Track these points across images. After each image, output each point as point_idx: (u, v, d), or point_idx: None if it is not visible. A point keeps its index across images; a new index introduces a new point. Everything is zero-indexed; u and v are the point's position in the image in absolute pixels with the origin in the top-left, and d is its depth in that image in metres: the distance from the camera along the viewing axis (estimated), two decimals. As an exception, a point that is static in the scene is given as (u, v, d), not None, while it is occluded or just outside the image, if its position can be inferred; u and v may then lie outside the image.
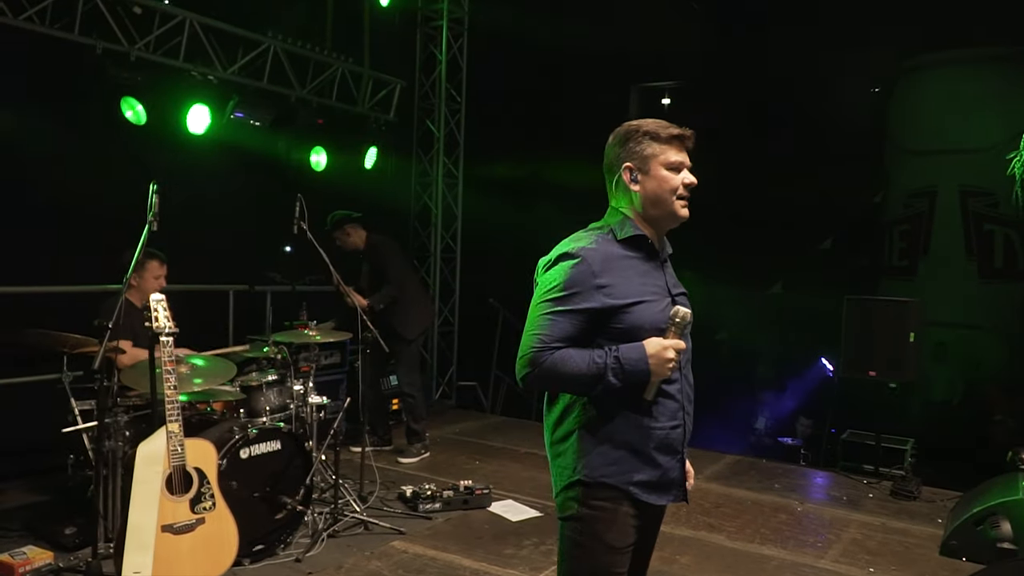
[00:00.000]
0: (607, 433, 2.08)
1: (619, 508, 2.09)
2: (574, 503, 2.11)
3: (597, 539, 2.09)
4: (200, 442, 3.27)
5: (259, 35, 6.36)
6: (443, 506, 4.65)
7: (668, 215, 2.16)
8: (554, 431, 2.18)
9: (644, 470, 2.09)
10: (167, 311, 3.18)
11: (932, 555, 4.35)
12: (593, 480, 2.07)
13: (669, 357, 2.02)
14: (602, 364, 2.01)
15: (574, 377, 2.02)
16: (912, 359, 5.95)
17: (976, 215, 11.23)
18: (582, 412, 2.10)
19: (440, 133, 8.33)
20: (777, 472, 6.00)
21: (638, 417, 2.09)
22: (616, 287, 2.06)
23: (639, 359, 2.02)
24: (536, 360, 2.02)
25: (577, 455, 2.10)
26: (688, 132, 2.18)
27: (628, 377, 2.01)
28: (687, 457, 2.31)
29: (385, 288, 5.62)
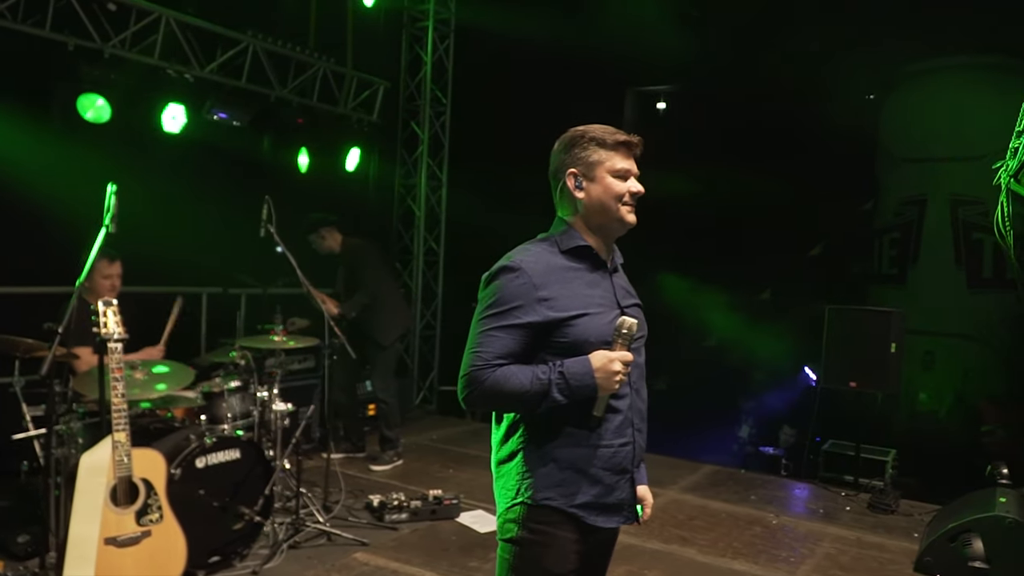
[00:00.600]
0: (552, 453, 2.00)
1: (559, 533, 2.01)
2: (514, 525, 2.03)
3: (534, 564, 2.01)
4: (148, 452, 3.18)
5: (238, 33, 6.27)
6: (410, 516, 4.57)
7: (614, 222, 2.08)
8: (499, 450, 2.10)
9: (590, 491, 2.01)
10: (117, 316, 3.09)
11: (906, 571, 4.28)
12: (536, 503, 1.99)
13: (615, 370, 1.94)
14: (546, 380, 1.94)
15: (517, 395, 1.94)
16: (894, 370, 5.89)
17: (966, 224, 11.19)
18: (526, 431, 2.03)
19: (425, 135, 8.25)
20: (755, 483, 5.92)
21: (584, 435, 2.01)
22: (559, 299, 1.98)
23: (585, 373, 1.94)
24: (477, 379, 1.95)
25: (520, 476, 2.02)
26: (636, 139, 2.09)
27: (574, 393, 1.94)
28: (645, 482, 2.24)
29: (357, 294, 5.55)
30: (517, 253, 2.05)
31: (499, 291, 1.98)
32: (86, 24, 5.32)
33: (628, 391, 2.08)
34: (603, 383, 1.94)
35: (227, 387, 4.17)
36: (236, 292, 6.18)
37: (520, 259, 2.02)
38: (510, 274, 1.99)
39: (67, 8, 5.22)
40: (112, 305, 3.10)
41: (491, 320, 1.98)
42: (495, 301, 1.98)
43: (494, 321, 1.97)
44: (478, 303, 2.05)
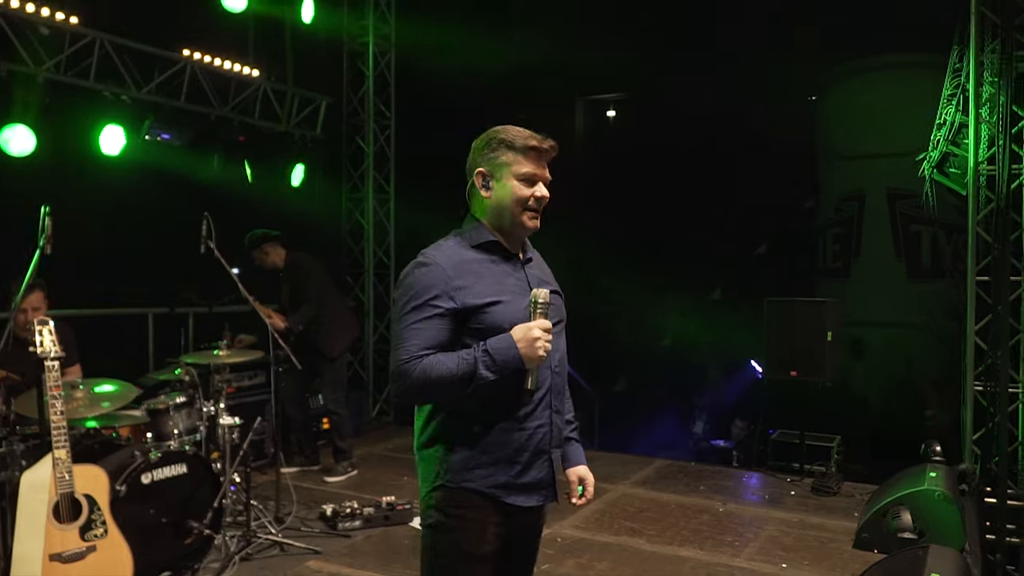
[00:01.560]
0: (470, 437, 2.08)
1: (478, 515, 2.08)
2: (433, 510, 2.11)
3: (455, 547, 2.09)
4: (90, 468, 3.20)
5: (175, 53, 6.29)
6: (363, 523, 4.61)
7: (515, 225, 2.15)
8: (419, 436, 2.17)
9: (508, 471, 2.09)
10: (52, 335, 3.11)
11: (846, 548, 4.44)
12: (456, 485, 2.07)
13: (536, 336, 2.00)
14: (471, 360, 1.99)
15: (446, 380, 1.98)
16: (832, 358, 6.09)
17: (904, 216, 11.56)
18: (445, 416, 2.10)
19: (370, 149, 8.31)
20: (705, 474, 6.07)
21: (501, 419, 2.09)
22: (472, 287, 2.06)
23: (508, 347, 2.00)
24: (404, 372, 1.99)
25: (440, 460, 2.09)
26: (547, 144, 2.15)
27: (501, 367, 1.99)
28: (584, 462, 2.34)
29: (303, 307, 5.58)
30: (429, 249, 2.13)
31: (414, 284, 2.06)
32: (18, 49, 5.31)
33: (547, 374, 2.17)
34: (527, 352, 1.99)
35: (172, 403, 4.18)
36: (183, 311, 6.17)
37: (432, 253, 2.10)
38: (423, 268, 2.07)
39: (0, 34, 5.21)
40: (47, 324, 3.12)
41: (411, 315, 2.04)
42: (412, 295, 2.05)
43: (414, 315, 2.04)
44: (395, 302, 2.12)
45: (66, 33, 5.58)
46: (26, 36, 5.36)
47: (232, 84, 6.84)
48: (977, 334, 5.93)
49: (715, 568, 4.13)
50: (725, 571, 4.09)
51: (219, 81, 6.71)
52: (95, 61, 5.74)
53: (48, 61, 5.49)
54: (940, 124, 6.66)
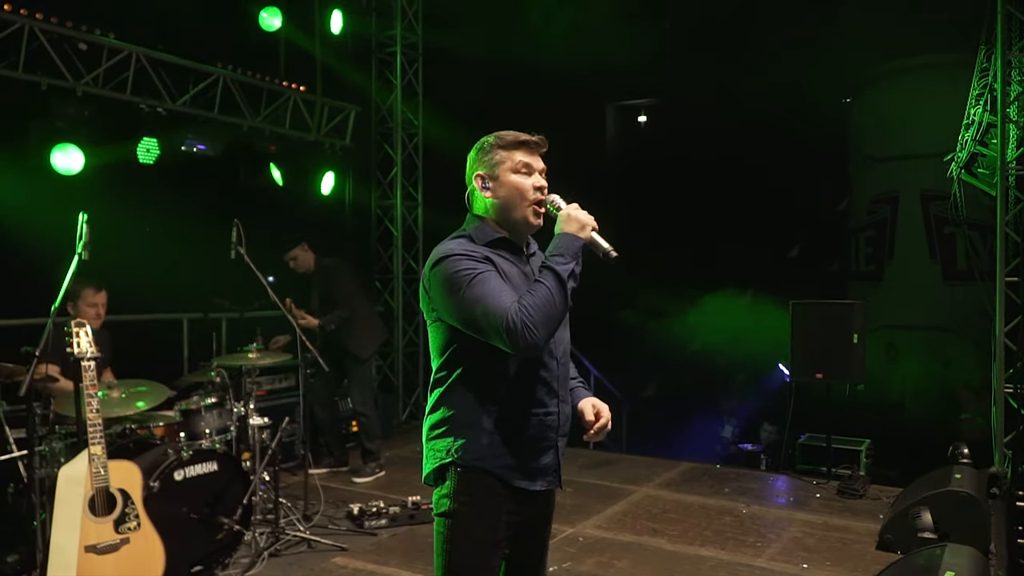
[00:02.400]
0: (479, 420, 2.16)
1: (490, 503, 2.17)
2: (447, 500, 2.19)
3: (468, 534, 2.17)
4: (124, 464, 3.33)
5: (208, 66, 6.48)
6: (389, 522, 4.71)
7: (520, 221, 2.24)
8: (429, 418, 2.26)
9: (515, 455, 2.18)
10: (88, 336, 3.26)
11: (869, 550, 4.42)
12: (465, 463, 2.15)
13: (572, 214, 2.17)
14: (549, 273, 2.08)
15: (549, 301, 2.05)
16: (859, 360, 6.05)
17: (938, 218, 11.40)
18: (456, 401, 2.19)
19: (398, 156, 8.44)
20: (730, 477, 6.07)
21: (510, 405, 2.18)
22: (494, 265, 2.16)
23: (561, 237, 2.15)
24: (520, 324, 2.00)
25: (451, 440, 2.18)
26: (536, 137, 2.25)
27: (574, 254, 2.12)
28: (589, 395, 2.37)
29: (336, 309, 5.71)
30: (442, 248, 2.21)
31: (455, 264, 2.11)
32: (58, 64, 5.52)
33: (554, 362, 2.25)
34: (577, 229, 2.15)
35: (204, 404, 4.32)
36: (216, 317, 6.34)
37: (450, 246, 2.18)
38: (453, 254, 2.13)
39: (39, 49, 5.42)
40: (84, 326, 3.26)
41: (469, 280, 2.07)
42: (459, 271, 2.09)
43: (473, 280, 2.07)
44: (439, 294, 2.14)
45: (103, 48, 5.78)
46: (65, 51, 5.57)
47: (263, 95, 7.02)
48: (1007, 336, 5.88)
49: (735, 568, 4.15)
50: (746, 571, 4.11)
51: (251, 92, 6.89)
52: (131, 75, 5.93)
53: (87, 75, 5.69)
54: (968, 124, 6.61)
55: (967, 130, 6.59)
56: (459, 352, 2.20)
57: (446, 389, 2.22)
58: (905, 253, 11.48)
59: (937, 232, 11.37)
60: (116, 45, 5.84)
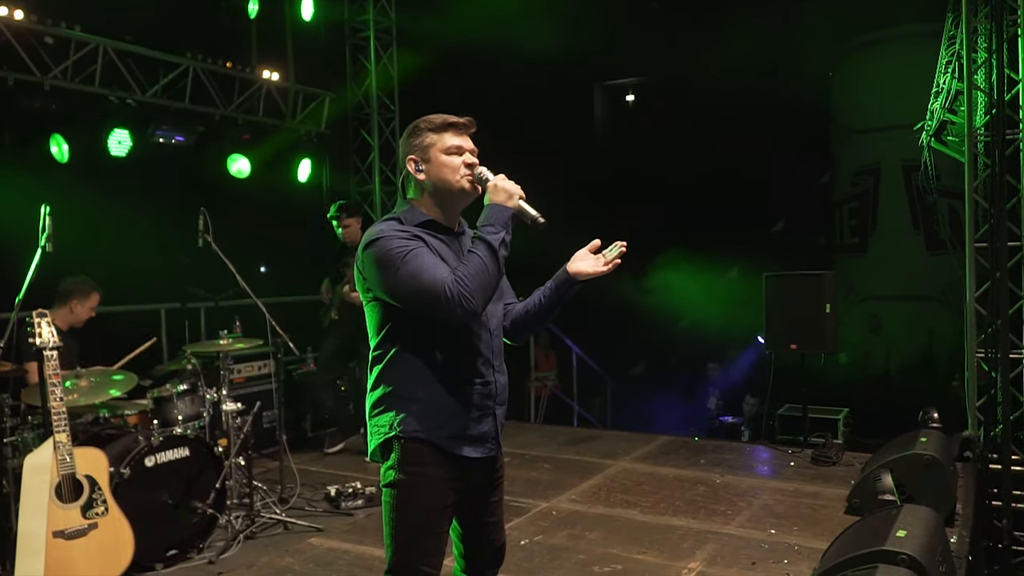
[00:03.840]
0: (417, 393, 2.24)
1: (433, 471, 2.23)
2: (392, 471, 2.25)
3: (413, 502, 2.24)
4: (90, 451, 3.39)
5: (177, 57, 6.48)
6: (365, 502, 4.77)
7: (456, 193, 2.30)
8: (371, 393, 2.32)
9: (453, 423, 2.25)
10: (50, 326, 3.30)
11: (837, 515, 4.49)
12: (407, 435, 2.22)
13: (498, 184, 2.24)
14: (481, 242, 2.17)
15: (482, 269, 2.13)
16: (831, 330, 6.10)
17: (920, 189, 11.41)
18: (394, 378, 2.26)
19: (375, 142, 8.45)
20: (707, 449, 6.14)
21: (444, 377, 2.25)
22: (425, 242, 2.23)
23: (489, 208, 2.23)
24: (456, 294, 2.08)
25: (394, 414, 2.25)
26: (464, 120, 2.33)
27: (503, 223, 2.20)
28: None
29: None
30: (373, 230, 2.26)
31: (387, 243, 2.17)
32: (24, 58, 5.52)
33: (487, 336, 2.32)
34: (504, 199, 2.23)
35: (176, 391, 4.37)
36: (194, 306, 6.38)
37: (381, 228, 2.24)
38: (384, 235, 2.20)
39: (5, 44, 5.42)
40: (45, 316, 3.30)
41: (409, 261, 2.13)
42: (391, 249, 2.15)
43: (412, 260, 2.14)
44: (374, 274, 2.19)
45: (70, 41, 5.79)
46: (31, 45, 5.57)
47: (236, 83, 7.03)
48: (977, 301, 5.93)
49: (704, 535, 4.22)
50: (714, 537, 4.18)
51: (222, 81, 6.91)
52: (99, 67, 5.95)
53: (54, 68, 5.70)
54: (937, 92, 6.64)
55: (936, 98, 6.62)
56: (394, 329, 2.27)
57: (384, 366, 2.29)
58: (888, 224, 11.54)
59: (920, 202, 11.40)
60: (83, 38, 5.85)
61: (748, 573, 3.74)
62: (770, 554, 3.95)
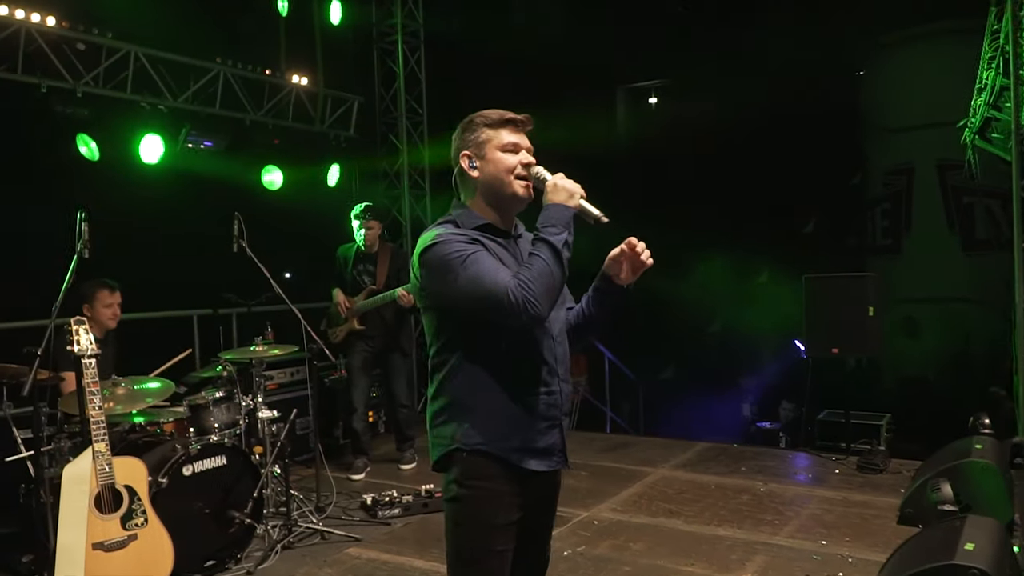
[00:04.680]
0: (481, 404, 2.13)
1: (497, 486, 2.13)
2: (454, 485, 2.16)
3: (476, 518, 2.14)
4: (129, 460, 3.32)
5: (207, 62, 6.46)
6: (403, 511, 4.69)
7: (509, 197, 2.20)
8: (432, 404, 2.23)
9: (519, 435, 2.14)
10: (88, 334, 3.24)
11: (890, 525, 4.35)
12: (470, 447, 2.12)
13: (559, 184, 2.13)
14: (542, 245, 2.06)
15: (547, 272, 2.03)
16: (874, 333, 5.95)
17: (955, 188, 11.21)
18: (456, 386, 2.15)
19: (404, 146, 8.38)
20: (747, 456, 6.00)
21: (510, 386, 2.14)
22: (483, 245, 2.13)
23: (550, 208, 2.11)
24: (521, 299, 1.98)
25: (456, 425, 2.14)
26: (522, 116, 2.22)
27: (564, 224, 2.09)
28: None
29: None
30: (428, 234, 2.16)
31: (445, 247, 2.07)
32: (57, 65, 5.51)
33: (551, 344, 2.21)
34: (565, 199, 2.11)
35: (212, 398, 4.30)
36: (226, 312, 6.34)
37: (436, 232, 2.15)
38: (443, 239, 2.10)
39: (38, 51, 5.41)
40: (83, 324, 3.25)
41: (469, 264, 2.03)
42: (449, 253, 2.05)
43: (472, 263, 2.04)
44: (432, 280, 2.09)
45: (102, 47, 5.77)
46: (63, 52, 5.56)
47: (265, 88, 7.00)
48: (1027, 303, 5.74)
49: (753, 546, 4.09)
50: (763, 548, 4.05)
51: (252, 86, 6.87)
52: (131, 74, 5.93)
53: (86, 75, 5.68)
54: (980, 88, 6.46)
55: (980, 95, 6.44)
56: (454, 337, 2.17)
57: (445, 375, 2.18)
58: (923, 225, 11.30)
59: (955, 202, 11.18)
60: (114, 44, 5.83)
61: (802, 586, 3.61)
62: (823, 566, 3.81)
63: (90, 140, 5.66)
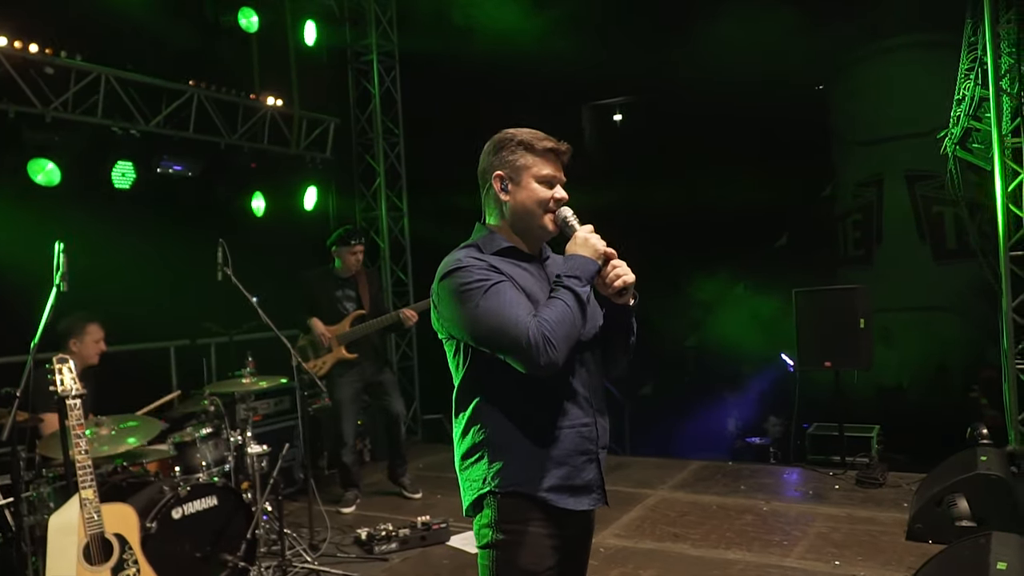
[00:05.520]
0: (515, 440, 2.01)
1: (533, 529, 2.00)
2: (488, 530, 2.02)
3: (512, 565, 2.00)
4: (119, 507, 3.13)
5: (180, 84, 6.27)
6: (400, 545, 4.51)
7: (536, 228, 2.10)
8: (460, 444, 2.09)
9: (557, 473, 2.02)
10: (72, 372, 3.05)
11: (899, 541, 4.28)
12: (504, 491, 1.99)
13: (586, 237, 2.03)
14: (563, 290, 1.96)
15: (568, 317, 1.93)
16: (866, 346, 5.93)
17: (925, 198, 11.37)
18: (487, 421, 2.03)
19: (380, 167, 8.25)
20: (743, 473, 5.91)
21: (546, 420, 2.02)
22: (507, 275, 2.02)
23: (572, 259, 2.02)
24: (540, 339, 1.87)
25: (487, 466, 2.02)
26: (564, 146, 2.11)
27: (586, 277, 2.00)
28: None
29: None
30: (450, 259, 2.05)
31: (466, 275, 1.97)
32: (24, 90, 5.29)
33: (583, 371, 2.09)
34: (590, 254, 2.01)
35: (199, 435, 4.11)
36: (205, 342, 6.12)
37: (458, 256, 2.03)
38: (464, 265, 1.99)
39: (5, 75, 5.20)
40: (67, 362, 3.06)
41: (489, 298, 1.93)
42: (470, 282, 1.95)
43: (492, 296, 1.94)
44: (449, 309, 2.00)
45: (71, 71, 5.57)
46: (31, 76, 5.35)
47: (239, 111, 6.82)
48: (1015, 311, 5.76)
49: (765, 569, 3.98)
50: (777, 572, 3.95)
51: (226, 109, 6.70)
52: (101, 97, 5.73)
53: (55, 100, 5.47)
54: (959, 99, 6.51)
55: (959, 105, 6.49)
56: (480, 369, 2.04)
57: (473, 412, 2.06)
58: (894, 235, 11.43)
59: (925, 212, 11.34)
60: (84, 67, 5.64)
61: (822, 611, 3.51)
62: (840, 588, 3.72)
63: (46, 163, 5.39)
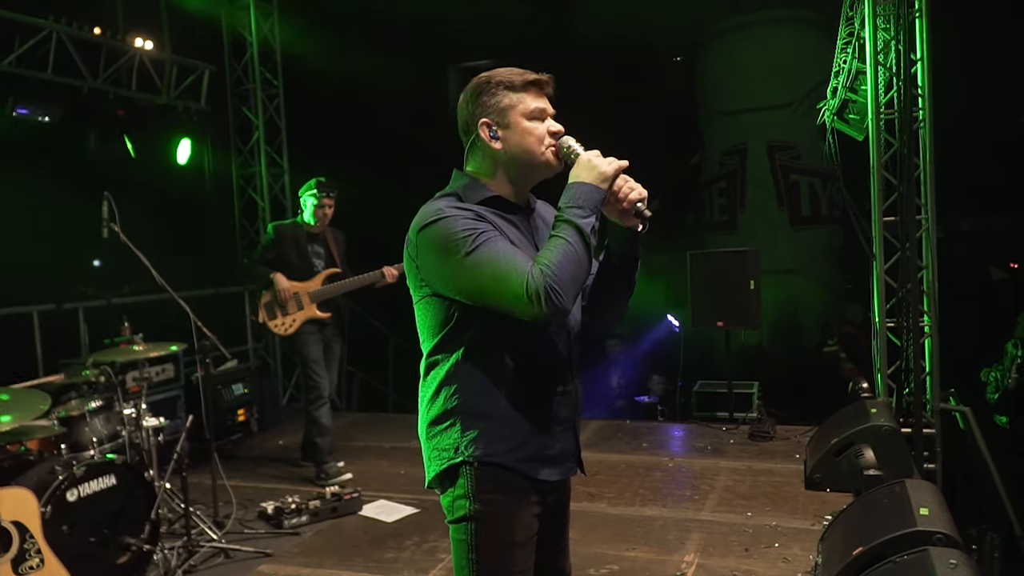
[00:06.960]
0: (490, 406, 1.89)
1: (513, 499, 1.91)
2: (464, 501, 1.89)
3: (495, 538, 1.90)
4: (16, 491, 2.77)
5: (37, 19, 5.59)
6: (310, 518, 4.29)
7: (541, 168, 1.96)
8: (428, 410, 1.95)
9: (535, 443, 1.92)
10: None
11: (799, 490, 4.51)
12: (480, 460, 1.87)
13: (593, 160, 1.87)
14: (566, 226, 1.80)
15: (572, 259, 1.77)
16: (756, 306, 6.18)
17: (783, 167, 12.00)
18: (460, 385, 1.89)
19: (259, 120, 7.75)
20: (642, 431, 6.06)
21: (522, 385, 1.91)
22: (493, 226, 1.87)
23: (577, 186, 1.86)
24: (544, 287, 1.72)
25: (459, 434, 1.89)
26: (546, 76, 1.97)
27: (592, 207, 1.84)
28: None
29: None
30: (429, 208, 1.89)
31: (451, 224, 1.81)
32: None
33: (563, 332, 1.99)
34: (598, 178, 1.85)
35: (88, 408, 3.71)
36: (72, 307, 5.55)
37: (439, 206, 1.87)
38: (447, 215, 1.83)
39: None
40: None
41: (474, 242, 1.78)
42: (457, 231, 1.80)
43: (477, 240, 1.78)
44: (432, 262, 1.85)
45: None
46: None
47: (103, 52, 6.17)
48: (887, 273, 6.16)
49: (684, 524, 4.09)
50: (695, 526, 4.06)
51: (89, 50, 6.03)
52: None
53: None
54: (837, 72, 6.84)
55: (836, 77, 6.82)
56: (457, 330, 1.90)
57: (446, 375, 1.91)
58: (755, 202, 12.02)
59: (784, 180, 11.98)
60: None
61: (746, 561, 3.63)
62: (758, 539, 3.87)
63: None
